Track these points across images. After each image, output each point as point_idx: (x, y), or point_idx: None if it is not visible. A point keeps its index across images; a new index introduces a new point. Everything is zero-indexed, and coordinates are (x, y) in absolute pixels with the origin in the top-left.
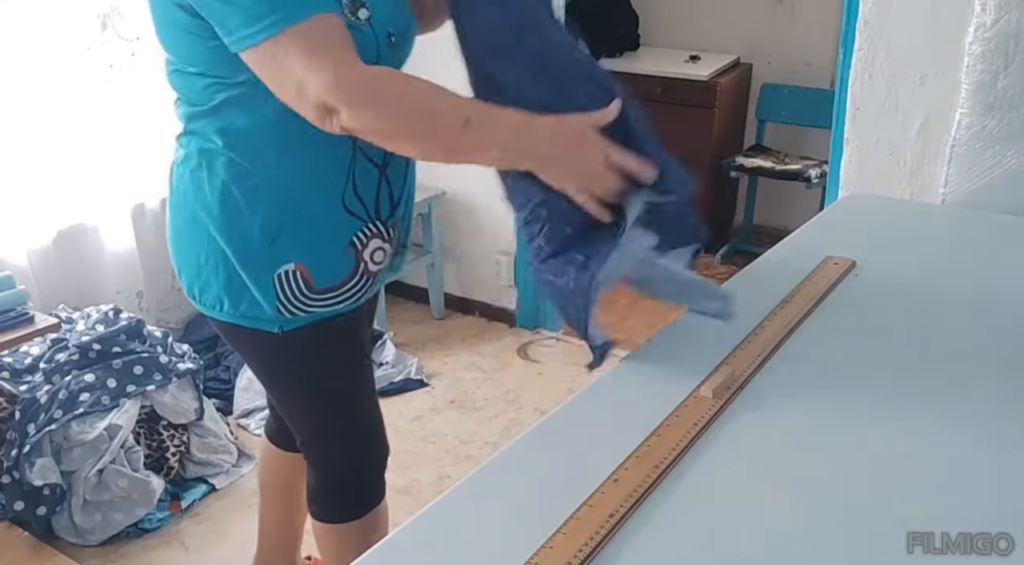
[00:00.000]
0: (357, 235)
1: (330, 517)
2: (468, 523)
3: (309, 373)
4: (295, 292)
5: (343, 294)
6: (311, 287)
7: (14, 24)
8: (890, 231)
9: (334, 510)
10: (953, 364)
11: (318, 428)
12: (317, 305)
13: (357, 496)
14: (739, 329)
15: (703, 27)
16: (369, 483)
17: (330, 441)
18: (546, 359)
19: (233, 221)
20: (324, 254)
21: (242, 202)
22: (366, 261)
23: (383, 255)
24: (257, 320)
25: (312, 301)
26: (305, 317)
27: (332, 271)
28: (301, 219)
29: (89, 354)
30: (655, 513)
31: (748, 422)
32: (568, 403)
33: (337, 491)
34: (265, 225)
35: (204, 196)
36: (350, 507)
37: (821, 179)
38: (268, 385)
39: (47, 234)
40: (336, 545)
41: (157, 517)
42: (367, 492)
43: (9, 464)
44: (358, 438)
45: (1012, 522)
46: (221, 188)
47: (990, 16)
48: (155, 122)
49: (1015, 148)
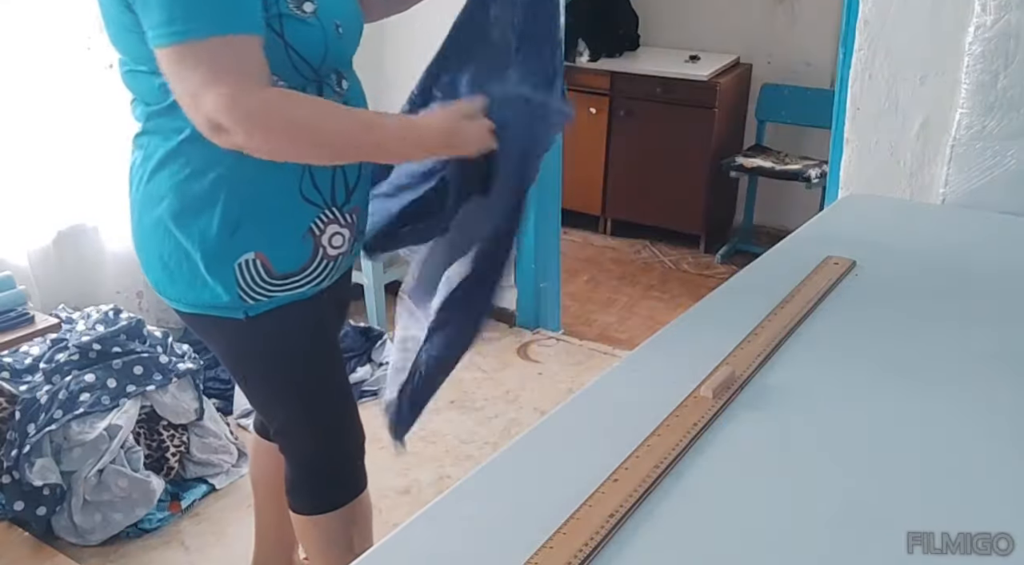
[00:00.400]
0: (315, 222)
1: (307, 508)
2: (468, 523)
3: (275, 361)
4: (255, 279)
5: (304, 278)
6: (271, 273)
7: (14, 24)
8: (890, 231)
9: (310, 501)
10: (953, 364)
11: (287, 417)
12: (278, 290)
13: (333, 486)
14: (739, 329)
15: (703, 27)
16: (345, 473)
17: (300, 430)
18: (546, 359)
19: (193, 216)
20: (283, 242)
21: (201, 197)
22: (324, 246)
23: (342, 240)
24: (222, 309)
25: (273, 287)
26: (267, 302)
27: (292, 258)
28: (260, 210)
29: (89, 354)
30: (655, 513)
31: (748, 422)
32: (568, 403)
33: (312, 482)
34: (224, 218)
35: (164, 194)
36: (327, 498)
37: (821, 179)
38: (238, 376)
39: (47, 234)
40: (317, 538)
41: (157, 517)
42: (343, 482)
43: (9, 464)
44: (328, 427)
45: (1012, 522)
46: (180, 185)
47: (990, 16)
48: None
49: (1015, 148)
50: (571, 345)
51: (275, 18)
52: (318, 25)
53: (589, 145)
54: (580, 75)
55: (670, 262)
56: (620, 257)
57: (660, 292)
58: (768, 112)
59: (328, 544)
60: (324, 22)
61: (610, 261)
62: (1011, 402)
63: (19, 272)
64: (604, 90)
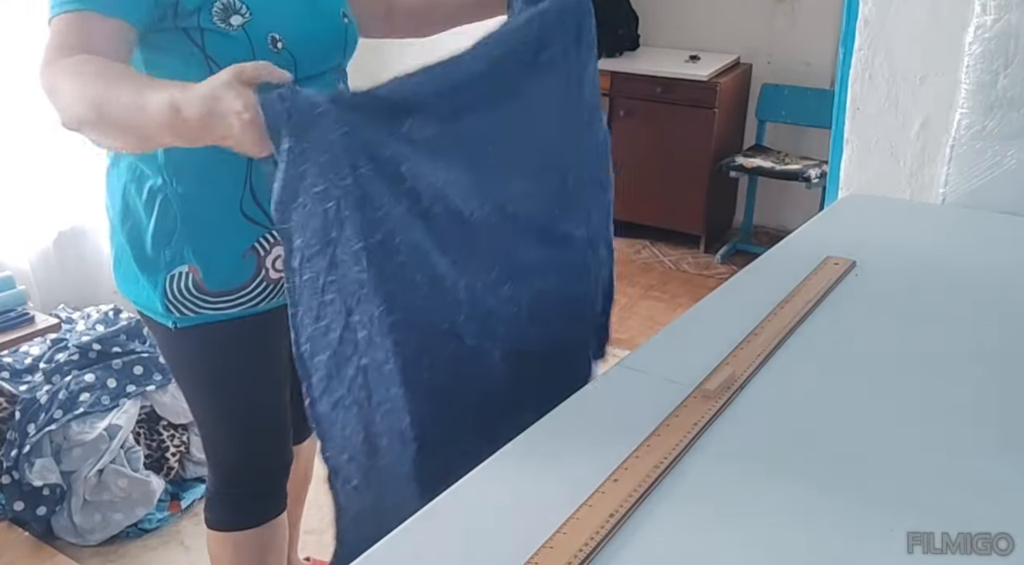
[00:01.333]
0: (259, 241)
1: (222, 524)
2: (468, 523)
3: (199, 374)
4: (185, 293)
5: (240, 298)
6: (202, 289)
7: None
8: (890, 231)
9: (226, 516)
10: (953, 364)
11: (211, 430)
12: (209, 307)
13: (251, 504)
14: (739, 329)
15: (703, 27)
16: (263, 493)
17: (224, 443)
18: None
19: (130, 221)
20: (220, 258)
21: (139, 205)
22: (268, 267)
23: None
24: (154, 312)
25: (204, 303)
26: (195, 317)
27: (228, 275)
28: (197, 224)
29: (89, 354)
30: (655, 513)
31: (748, 422)
32: (568, 403)
33: (229, 496)
34: (159, 228)
35: (112, 196)
36: (243, 515)
37: (821, 179)
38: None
39: (47, 235)
40: (228, 556)
41: (157, 517)
42: (261, 502)
43: (9, 464)
44: (252, 446)
45: (1012, 522)
46: (123, 190)
47: (990, 16)
48: None
49: (1015, 148)
50: None
51: (195, 30)
52: (244, 39)
53: None
54: None
55: (670, 262)
56: (620, 257)
57: (660, 292)
58: (768, 112)
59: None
60: (253, 37)
61: None
62: (1011, 402)
63: (19, 272)
64: (604, 90)
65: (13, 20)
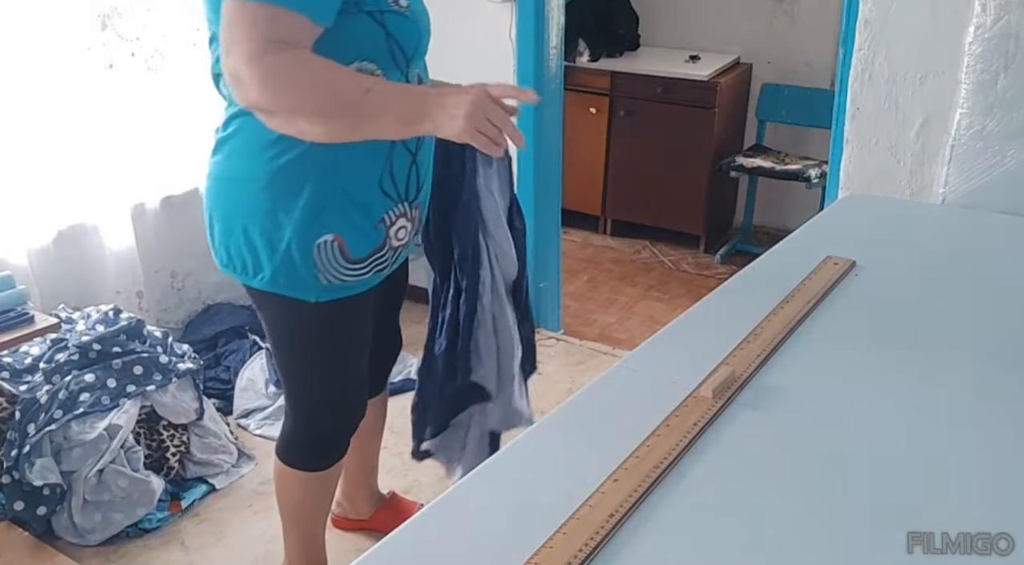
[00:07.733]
0: (388, 213)
1: (299, 464)
2: (468, 523)
3: (321, 345)
4: (331, 260)
5: (370, 265)
6: (346, 256)
7: (13, 24)
8: (890, 231)
9: (305, 459)
10: (953, 363)
11: (311, 392)
12: (350, 274)
13: (327, 451)
14: (739, 329)
15: (703, 27)
16: (341, 443)
17: (319, 404)
18: (546, 359)
19: (285, 197)
20: (359, 228)
21: (294, 181)
22: (391, 237)
23: (405, 232)
24: (295, 288)
25: (346, 270)
26: (337, 287)
27: (364, 244)
28: (345, 197)
29: (89, 354)
30: (655, 513)
31: (748, 422)
32: (568, 403)
33: (312, 445)
34: (312, 201)
35: (260, 175)
36: (318, 459)
37: (821, 179)
38: (280, 349)
39: (47, 234)
40: (296, 490)
41: (157, 517)
42: (336, 449)
43: (9, 464)
44: (342, 406)
45: (1012, 522)
46: (279, 169)
47: (990, 16)
48: (155, 122)
49: (1015, 148)
50: (571, 345)
51: (377, 13)
52: (413, 18)
53: (589, 145)
54: (580, 75)
55: (670, 262)
56: (620, 257)
57: (660, 292)
58: (768, 112)
59: (306, 497)
60: (414, 16)
61: (610, 261)
62: (1011, 402)
63: (19, 272)
64: (604, 90)
65: (13, 20)
